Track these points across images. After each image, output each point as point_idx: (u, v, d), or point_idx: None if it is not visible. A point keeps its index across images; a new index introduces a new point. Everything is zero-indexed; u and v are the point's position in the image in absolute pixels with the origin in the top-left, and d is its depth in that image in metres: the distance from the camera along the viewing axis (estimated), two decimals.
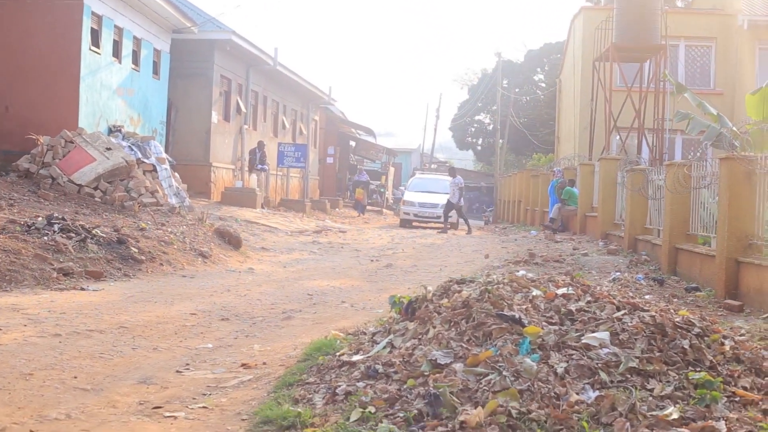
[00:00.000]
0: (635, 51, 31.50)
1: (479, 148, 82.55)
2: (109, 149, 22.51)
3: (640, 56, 32.07)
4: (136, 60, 28.43)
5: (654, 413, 6.19)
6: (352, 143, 61.38)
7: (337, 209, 44.19)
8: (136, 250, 16.62)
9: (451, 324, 7.70)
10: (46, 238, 15.64)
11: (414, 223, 40.64)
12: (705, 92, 34.15)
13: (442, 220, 37.97)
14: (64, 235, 15.96)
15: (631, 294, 9.15)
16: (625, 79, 32.17)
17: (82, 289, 13.87)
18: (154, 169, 23.90)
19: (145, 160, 23.82)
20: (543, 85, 71.66)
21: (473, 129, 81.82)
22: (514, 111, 62.82)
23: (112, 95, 26.45)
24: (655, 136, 29.21)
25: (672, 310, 8.26)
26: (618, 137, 32.24)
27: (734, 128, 20.12)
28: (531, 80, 74.58)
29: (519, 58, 77.68)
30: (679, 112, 22.26)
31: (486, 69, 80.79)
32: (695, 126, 20.72)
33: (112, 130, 25.77)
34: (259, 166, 35.68)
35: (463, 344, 7.24)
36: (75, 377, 8.28)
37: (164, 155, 25.93)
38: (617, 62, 31.85)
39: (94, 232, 16.63)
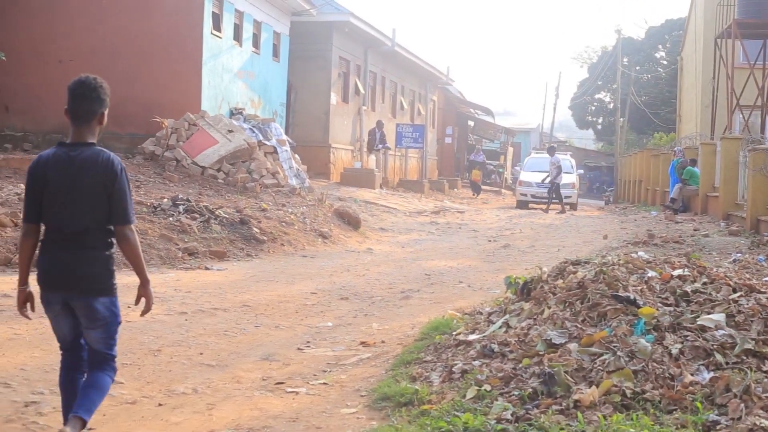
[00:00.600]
0: (758, 27, 30.88)
1: (599, 127, 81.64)
2: (231, 132, 22.99)
3: (763, 32, 31.42)
4: (256, 43, 28.90)
5: None
6: (471, 123, 61.33)
7: (455, 189, 44.24)
8: (258, 231, 17.00)
9: (566, 304, 7.78)
10: (171, 218, 16.12)
11: (530, 205, 38.27)
12: None
13: (556, 200, 36.55)
14: (188, 216, 16.42)
15: (748, 275, 9.09)
16: (748, 56, 31.57)
17: (207, 268, 14.28)
18: (275, 151, 24.32)
19: (266, 142, 24.25)
20: (664, 62, 70.55)
21: (593, 108, 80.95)
22: (634, 89, 61.92)
23: (233, 78, 26.96)
24: None
25: None
26: (741, 116, 31.64)
27: None
28: (652, 58, 73.43)
29: (639, 35, 76.54)
30: None
31: (606, 47, 79.76)
32: None
33: (234, 113, 26.28)
34: (380, 146, 35.80)
35: (578, 324, 7.32)
36: (201, 353, 8.60)
37: (284, 137, 26.36)
38: (739, 39, 31.23)
39: (217, 212, 17.06)
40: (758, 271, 13.18)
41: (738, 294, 7.66)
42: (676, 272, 8.24)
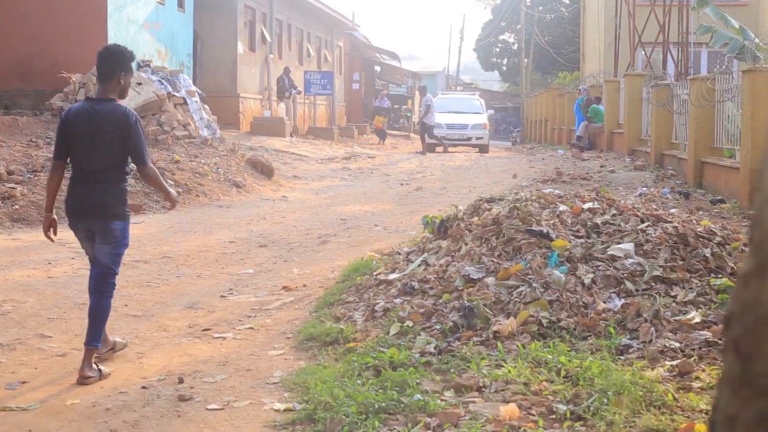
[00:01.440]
0: None
1: (504, 68, 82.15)
2: (139, 84, 22.80)
3: None
4: None
5: (677, 318, 6.54)
6: (377, 68, 61.33)
7: (364, 135, 44.32)
8: (172, 183, 16.99)
9: (482, 240, 8.04)
10: None
11: (437, 148, 36.45)
12: (729, 4, 33.88)
13: (472, 141, 36.72)
14: None
15: (655, 207, 9.44)
16: None
17: None
18: (185, 102, 24.19)
19: (176, 94, 24.10)
20: (567, 2, 71.09)
21: (498, 49, 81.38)
22: (538, 29, 62.47)
23: (139, 30, 26.68)
24: (680, 50, 29.18)
25: (695, 221, 8.56)
26: (643, 53, 32.15)
27: (757, 40, 20.16)
28: None
29: None
30: (702, 25, 22.29)
31: None
32: (718, 39, 20.77)
33: (141, 65, 26.01)
34: (293, 91, 35.72)
35: (494, 259, 7.59)
36: (126, 305, 8.71)
37: (193, 88, 26.20)
38: None
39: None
40: (663, 203, 13.62)
41: (645, 224, 7.99)
42: (586, 206, 8.55)
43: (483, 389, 5.54)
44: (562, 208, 8.50)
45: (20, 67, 23.93)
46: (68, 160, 6.88)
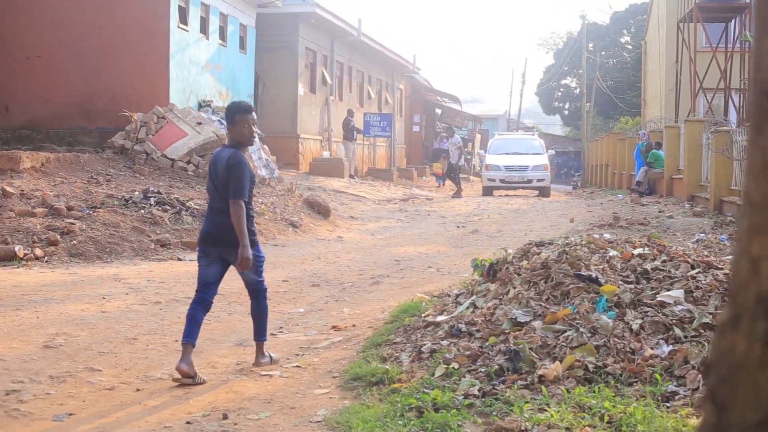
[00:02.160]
0: (719, 10, 31.26)
1: (566, 112, 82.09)
2: (200, 124, 23.10)
3: (724, 15, 31.79)
4: (223, 35, 29.00)
5: None
6: (438, 111, 61.49)
7: (423, 177, 44.39)
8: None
9: (531, 284, 8.02)
10: (143, 211, 16.28)
11: (496, 192, 35.43)
12: None
13: (533, 184, 35.00)
14: (159, 208, 16.58)
15: (707, 254, 9.37)
16: (710, 40, 31.92)
17: (179, 259, 14.46)
18: None
19: None
20: (629, 47, 70.96)
21: (560, 93, 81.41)
22: (600, 74, 62.39)
23: (200, 71, 27.06)
24: (742, 96, 29.00)
25: None
26: (704, 99, 32.01)
27: None
28: (617, 42, 73.91)
29: (604, 20, 77.10)
30: None
31: (571, 32, 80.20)
32: None
33: (202, 105, 26.38)
34: (361, 132, 36.66)
35: (542, 303, 7.57)
36: (176, 341, 8.76)
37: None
38: (701, 22, 31.58)
39: (188, 204, 17.22)
40: (720, 250, 13.48)
41: (696, 271, 7.93)
42: (636, 251, 8.50)
43: None
44: (612, 253, 8.46)
45: (83, 106, 24.38)
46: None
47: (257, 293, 8.24)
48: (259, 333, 8.07)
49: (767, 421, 1.41)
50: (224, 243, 7.79)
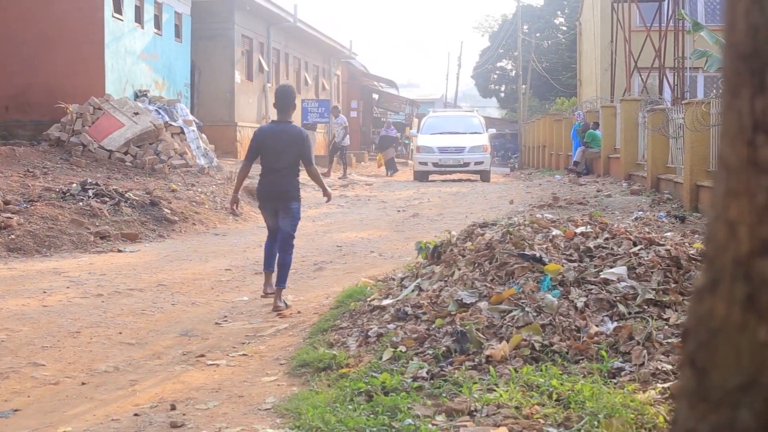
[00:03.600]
0: None
1: (502, 95, 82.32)
2: (136, 114, 22.89)
3: None
4: (158, 24, 28.71)
5: (670, 340, 6.53)
6: (375, 96, 61.48)
7: (362, 163, 44.32)
8: (169, 211, 17.03)
9: (475, 265, 8.05)
10: (81, 203, 16.09)
11: (432, 177, 32.60)
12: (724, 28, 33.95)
13: (471, 167, 31.87)
14: (98, 200, 16.40)
15: (648, 230, 9.45)
16: (644, 19, 32.13)
17: (119, 251, 14.33)
18: (182, 132, 24.26)
19: (173, 123, 24.18)
20: (564, 28, 71.31)
21: (495, 76, 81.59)
22: (535, 56, 62.54)
23: (136, 60, 26.79)
24: (676, 75, 29.24)
25: (688, 244, 8.57)
26: (639, 78, 32.26)
27: None
28: (552, 24, 74.20)
29: (539, 2, 77.29)
30: (697, 50, 22.36)
31: (506, 15, 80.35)
32: (713, 63, 20.83)
33: (139, 95, 26.14)
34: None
35: (487, 284, 7.59)
36: (120, 333, 8.72)
37: (191, 117, 26.28)
38: (635, 2, 31.83)
39: (127, 195, 17.05)
40: (659, 227, 13.61)
41: (638, 247, 8.00)
42: (579, 230, 8.57)
43: (474, 413, 5.53)
44: (555, 232, 8.52)
45: (18, 99, 24.05)
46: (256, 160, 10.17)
47: (287, 245, 10.00)
48: (280, 279, 9.79)
49: (749, 384, 1.42)
50: (279, 197, 10.00)
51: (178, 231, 16.52)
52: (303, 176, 10.73)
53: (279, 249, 9.97)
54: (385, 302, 8.31)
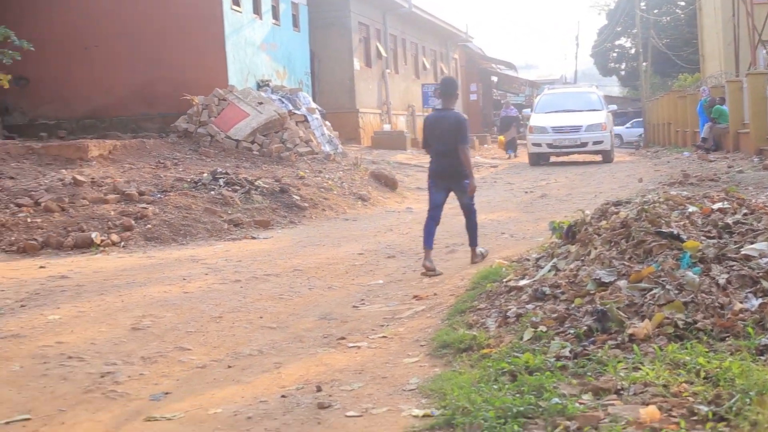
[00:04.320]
0: None
1: (623, 73, 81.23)
2: (260, 103, 23.22)
3: None
4: (275, 15, 29.05)
5: None
6: (494, 78, 61.27)
7: (485, 145, 44.20)
8: (299, 198, 17.27)
9: (612, 244, 7.98)
10: (213, 192, 16.43)
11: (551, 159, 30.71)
12: None
13: (589, 148, 29.42)
14: (229, 189, 16.72)
15: None
16: None
17: (253, 237, 14.59)
18: (306, 120, 24.53)
19: (296, 111, 24.47)
20: (682, 3, 70.00)
21: (615, 54, 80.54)
22: (654, 32, 61.53)
23: (256, 51, 27.15)
24: None
25: None
26: (764, 51, 31.52)
27: None
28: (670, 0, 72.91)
29: None
30: None
31: None
32: None
33: (261, 85, 26.50)
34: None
35: (625, 262, 7.52)
36: (260, 317, 8.88)
37: (313, 105, 26.55)
38: None
39: (256, 183, 17.35)
40: None
41: None
42: (715, 206, 8.43)
43: (621, 392, 5.50)
44: (691, 209, 8.39)
45: (144, 92, 24.63)
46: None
47: (470, 212, 11.55)
48: (472, 241, 11.54)
49: None
50: (449, 177, 11.30)
51: (308, 217, 16.75)
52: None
53: (465, 218, 11.59)
54: (522, 282, 8.30)
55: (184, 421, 5.92)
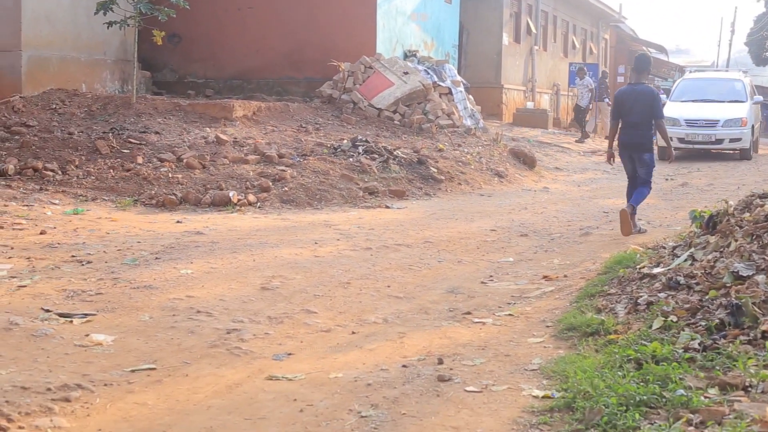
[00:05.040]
0: None
1: None
2: (406, 73, 23.21)
3: None
4: None
5: None
6: None
7: None
8: (435, 170, 17.24)
9: (754, 237, 7.74)
10: (351, 159, 16.52)
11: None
12: None
13: (725, 145, 26.10)
14: (368, 157, 16.78)
15: None
16: None
17: (387, 207, 14.63)
18: (450, 92, 24.43)
19: (441, 84, 24.38)
20: None
21: None
22: None
23: (406, 21, 27.12)
24: None
25: None
26: None
27: None
28: None
29: None
30: None
31: None
32: None
33: (408, 55, 26.47)
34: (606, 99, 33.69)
35: (766, 257, 7.29)
36: (388, 286, 8.90)
37: (458, 78, 26.41)
38: None
39: (395, 153, 17.37)
40: None
41: None
42: None
43: (749, 389, 5.34)
44: None
45: (292, 56, 24.83)
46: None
47: (644, 186, 12.26)
48: (635, 200, 12.08)
49: None
50: (633, 147, 12.23)
51: (444, 190, 16.71)
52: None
53: (638, 186, 12.22)
54: (656, 270, 8.13)
55: (304, 382, 5.97)
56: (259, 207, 14.00)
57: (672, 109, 26.01)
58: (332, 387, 5.87)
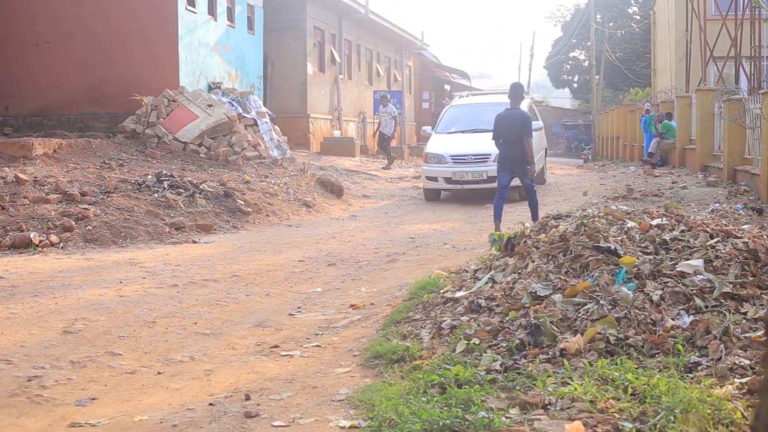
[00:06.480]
0: None
1: (575, 85, 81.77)
2: (210, 106, 23.07)
3: None
4: (230, 16, 28.88)
5: (747, 335, 6.43)
6: (447, 87, 61.30)
7: None
8: (243, 203, 17.17)
9: (549, 257, 7.99)
10: (156, 194, 16.28)
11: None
12: None
13: (487, 182, 20.38)
14: (173, 191, 16.58)
15: (725, 223, 9.31)
16: (719, 8, 31.72)
17: (194, 242, 14.47)
18: (255, 123, 24.41)
19: (246, 115, 24.33)
20: (637, 17, 70.58)
21: (568, 66, 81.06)
22: (608, 46, 61.93)
23: (209, 53, 26.97)
24: (753, 64, 28.76)
25: (766, 237, 8.42)
26: (715, 67, 31.80)
27: None
28: (625, 13, 73.43)
29: None
30: None
31: (579, 4, 79.63)
32: None
33: (212, 87, 26.32)
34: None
35: (561, 276, 7.53)
36: (195, 323, 8.80)
37: (264, 109, 26.42)
38: None
39: (201, 186, 17.22)
40: (736, 219, 13.43)
41: (715, 240, 7.87)
42: (654, 222, 8.46)
43: (548, 407, 5.49)
44: (630, 224, 8.42)
45: (93, 92, 24.38)
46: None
47: (530, 192, 14.72)
48: (534, 217, 13.89)
49: None
50: (514, 162, 14.48)
51: (252, 222, 16.65)
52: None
53: (527, 196, 14.84)
54: (459, 294, 8.29)
55: (108, 427, 5.84)
56: (62, 247, 13.63)
57: (437, 144, 22.34)
58: (137, 430, 5.76)
